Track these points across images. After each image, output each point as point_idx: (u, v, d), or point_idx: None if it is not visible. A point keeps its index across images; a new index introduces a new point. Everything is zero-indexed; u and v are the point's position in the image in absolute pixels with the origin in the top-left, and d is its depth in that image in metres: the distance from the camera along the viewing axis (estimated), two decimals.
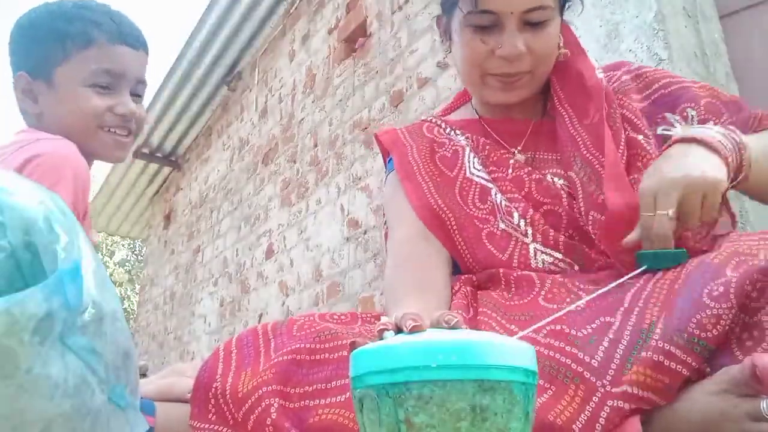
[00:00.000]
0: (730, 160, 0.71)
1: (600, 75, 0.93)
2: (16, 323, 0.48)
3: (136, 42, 1.00)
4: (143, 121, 1.05)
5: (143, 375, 1.11)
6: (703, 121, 0.85)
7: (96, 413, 0.55)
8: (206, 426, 0.72)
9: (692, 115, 0.86)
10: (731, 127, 0.76)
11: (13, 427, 0.49)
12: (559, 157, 0.91)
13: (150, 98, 4.02)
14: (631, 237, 0.72)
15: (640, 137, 0.85)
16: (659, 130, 0.87)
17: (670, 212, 0.67)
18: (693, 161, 0.70)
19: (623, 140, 0.86)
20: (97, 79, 0.96)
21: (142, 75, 1.03)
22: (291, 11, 3.18)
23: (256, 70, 3.51)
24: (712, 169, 0.69)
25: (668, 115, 0.88)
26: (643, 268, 0.69)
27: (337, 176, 2.49)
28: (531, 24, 0.85)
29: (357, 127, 2.42)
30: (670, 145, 0.74)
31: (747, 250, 0.63)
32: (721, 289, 0.59)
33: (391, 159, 1.01)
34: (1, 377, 0.48)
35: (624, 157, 0.84)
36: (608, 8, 1.37)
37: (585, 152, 0.87)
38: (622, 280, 0.68)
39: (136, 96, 1.03)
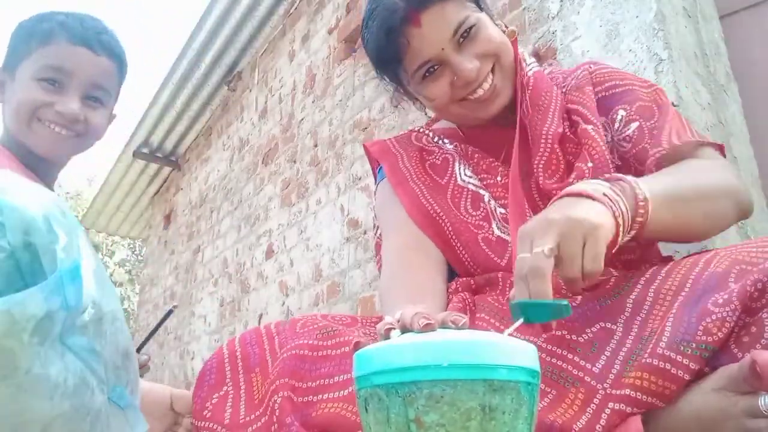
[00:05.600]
0: (617, 213, 0.65)
1: (534, 69, 0.93)
2: (16, 324, 0.48)
3: (98, 46, 0.99)
4: (96, 128, 1.02)
5: (145, 368, 1.11)
6: (630, 121, 0.86)
7: (96, 413, 0.55)
8: (203, 424, 0.73)
9: (621, 116, 0.87)
10: (629, 179, 0.71)
11: (13, 428, 0.49)
12: None
13: (150, 98, 4.03)
14: (513, 291, 0.64)
15: (589, 127, 0.86)
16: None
17: (546, 249, 0.60)
18: (575, 208, 0.64)
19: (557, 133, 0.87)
20: (43, 73, 0.96)
21: (99, 81, 1.00)
22: (291, 11, 3.18)
23: (256, 70, 3.51)
24: (596, 215, 0.63)
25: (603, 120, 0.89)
26: (519, 321, 0.59)
27: (337, 176, 2.49)
28: (465, 39, 0.86)
29: (357, 127, 2.42)
30: (555, 199, 0.69)
31: (747, 258, 0.63)
32: (726, 296, 0.60)
33: (381, 168, 1.01)
34: (1, 378, 0.48)
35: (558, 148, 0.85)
36: (608, 8, 1.37)
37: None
38: (507, 331, 0.58)
39: (94, 101, 1.01)
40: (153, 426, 0.81)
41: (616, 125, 0.87)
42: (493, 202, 0.89)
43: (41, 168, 1.00)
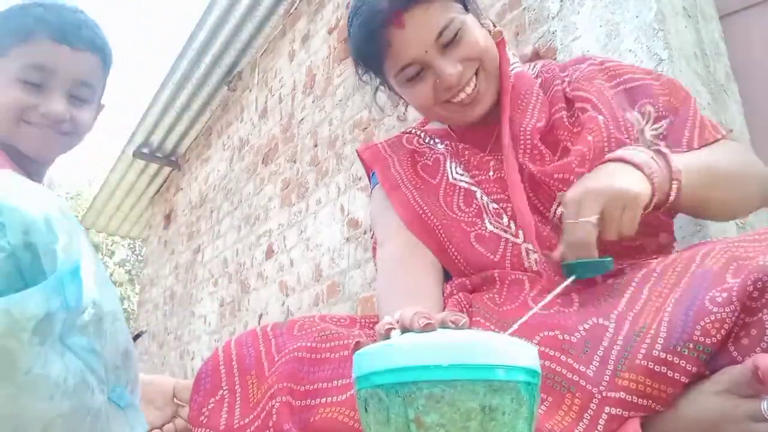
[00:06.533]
0: (656, 181, 0.73)
1: (517, 70, 0.94)
2: (16, 324, 0.48)
3: (80, 42, 0.96)
4: (82, 126, 1.01)
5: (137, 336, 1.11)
6: (660, 118, 0.87)
7: (96, 413, 0.55)
8: (200, 431, 0.72)
9: (650, 111, 0.88)
10: (665, 150, 0.78)
11: (14, 428, 0.49)
12: None
13: (150, 98, 4.02)
14: (558, 249, 0.74)
15: (600, 118, 0.86)
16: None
17: (593, 219, 0.69)
18: (618, 177, 0.72)
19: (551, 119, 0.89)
20: (26, 74, 0.93)
21: (83, 78, 0.98)
22: (291, 11, 3.18)
23: (256, 70, 3.51)
24: (635, 184, 0.71)
25: (627, 113, 0.89)
26: (572, 278, 0.70)
27: (337, 176, 2.49)
28: (450, 42, 0.85)
29: (357, 127, 2.42)
30: (600, 164, 0.77)
31: (744, 254, 0.63)
32: (725, 295, 0.59)
33: (374, 173, 1.02)
34: (1, 378, 0.48)
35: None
36: (608, 8, 1.37)
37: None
38: (557, 290, 0.69)
39: (79, 98, 0.99)
40: (155, 416, 0.81)
41: (646, 120, 0.88)
42: (485, 197, 0.89)
43: (30, 167, 0.99)
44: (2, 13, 0.96)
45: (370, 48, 0.87)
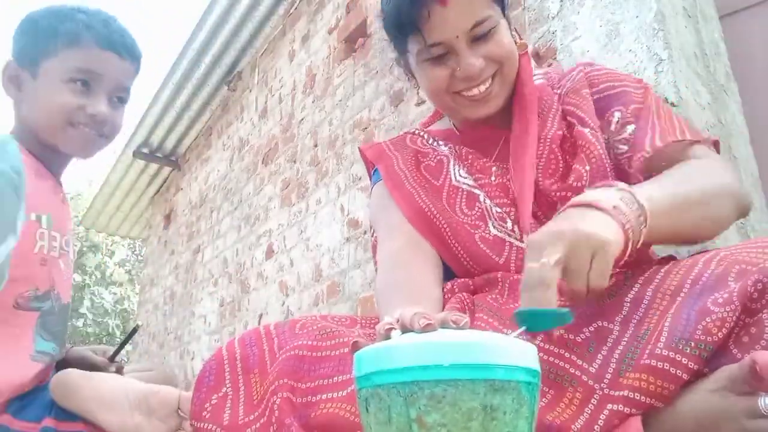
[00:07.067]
0: (627, 226, 0.65)
1: (538, 81, 0.95)
2: None
3: (124, 50, 1.04)
4: (118, 128, 1.08)
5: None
6: (626, 123, 0.86)
7: None
8: (202, 425, 0.73)
9: (618, 118, 0.88)
10: (628, 188, 0.69)
11: None
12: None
13: (150, 98, 4.02)
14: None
15: (587, 130, 0.87)
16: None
17: (552, 260, 0.60)
18: (586, 221, 0.64)
19: (555, 134, 0.89)
20: (76, 76, 0.99)
21: (124, 83, 1.05)
22: (291, 11, 3.18)
23: (256, 70, 3.51)
24: (605, 230, 0.62)
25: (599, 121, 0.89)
26: (522, 328, 0.59)
27: (337, 176, 2.49)
28: (480, 37, 0.87)
29: (357, 127, 2.42)
30: (566, 208, 0.68)
31: (747, 258, 0.63)
32: (726, 296, 0.60)
33: (376, 170, 1.02)
34: None
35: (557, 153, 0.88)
36: (608, 8, 1.37)
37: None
38: (512, 335, 0.58)
39: (117, 101, 1.06)
40: (157, 427, 0.81)
41: (613, 127, 0.88)
42: (488, 201, 0.89)
43: (54, 161, 1.05)
44: (44, 15, 1.02)
45: (409, 15, 0.87)
